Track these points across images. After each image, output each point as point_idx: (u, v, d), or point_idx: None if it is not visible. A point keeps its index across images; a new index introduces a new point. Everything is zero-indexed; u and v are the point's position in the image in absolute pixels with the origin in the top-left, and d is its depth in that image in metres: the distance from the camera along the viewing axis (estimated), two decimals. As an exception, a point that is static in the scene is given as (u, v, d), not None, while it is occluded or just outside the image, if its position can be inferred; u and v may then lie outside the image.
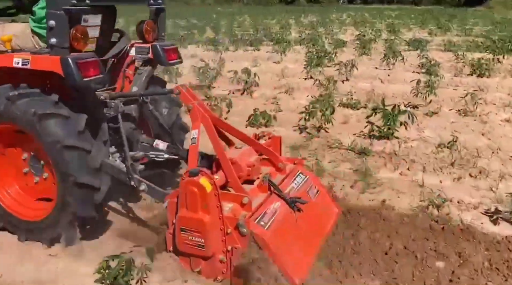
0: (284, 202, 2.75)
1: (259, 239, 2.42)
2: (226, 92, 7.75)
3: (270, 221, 2.58)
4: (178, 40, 13.94)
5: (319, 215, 3.03)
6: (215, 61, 9.95)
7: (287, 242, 2.60)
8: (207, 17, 27.59)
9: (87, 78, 2.66)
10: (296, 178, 3.05)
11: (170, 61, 3.36)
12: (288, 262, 2.47)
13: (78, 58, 2.66)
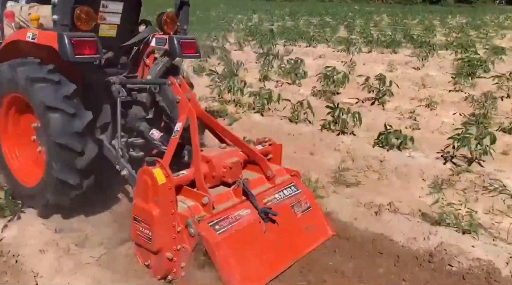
0: (255, 211, 2.56)
1: (206, 243, 2.29)
2: (354, 100, 6.75)
3: (228, 227, 2.41)
4: (307, 39, 13.20)
5: (301, 232, 2.77)
6: (344, 64, 8.96)
7: (244, 251, 2.42)
8: (342, 16, 26.37)
9: (79, 55, 2.73)
10: (284, 189, 2.84)
11: (184, 54, 3.31)
12: (235, 273, 2.30)
13: (74, 36, 2.73)
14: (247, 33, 14.85)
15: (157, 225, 2.35)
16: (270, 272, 2.47)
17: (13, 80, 2.93)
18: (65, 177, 2.83)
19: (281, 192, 2.81)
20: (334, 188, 3.94)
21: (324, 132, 5.18)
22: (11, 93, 3.04)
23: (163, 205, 2.34)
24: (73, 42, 2.70)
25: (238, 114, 5.84)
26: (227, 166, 2.65)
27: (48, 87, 2.79)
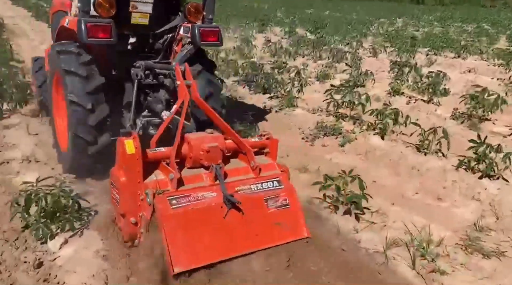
0: (221, 196, 2.58)
1: (157, 213, 2.40)
2: (508, 131, 5.31)
3: (186, 204, 2.49)
4: (456, 48, 11.40)
5: (268, 225, 2.70)
6: (501, 82, 7.32)
7: (195, 230, 2.47)
8: (506, 23, 22.84)
9: (92, 38, 3.07)
10: (264, 182, 2.80)
11: (203, 42, 3.45)
12: (179, 247, 2.37)
13: (90, 21, 3.08)
14: (385, 39, 13.56)
15: (123, 191, 2.54)
16: (218, 254, 2.48)
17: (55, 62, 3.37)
18: (79, 132, 3.14)
19: (259, 184, 2.79)
20: (464, 259, 2.88)
21: (461, 172, 4.02)
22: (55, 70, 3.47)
23: (130, 173, 2.50)
24: (88, 26, 3.07)
25: (354, 134, 4.97)
26: (204, 149, 2.66)
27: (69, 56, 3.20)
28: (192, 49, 3.52)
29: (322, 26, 15.87)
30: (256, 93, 6.83)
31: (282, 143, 4.90)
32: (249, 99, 6.66)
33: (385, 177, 4.10)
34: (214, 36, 3.50)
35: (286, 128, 5.45)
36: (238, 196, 2.61)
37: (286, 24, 16.03)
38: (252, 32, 13.45)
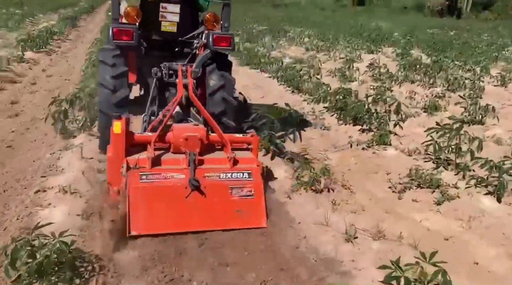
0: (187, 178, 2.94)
1: (127, 184, 2.84)
2: None
3: (154, 180, 2.91)
4: None
5: (228, 211, 3.01)
6: None
7: (156, 203, 2.86)
8: None
9: (117, 41, 3.68)
10: (235, 173, 3.09)
11: (216, 47, 3.84)
12: (139, 215, 2.79)
13: (116, 26, 3.70)
14: (520, 65, 11.49)
15: (109, 163, 3.04)
16: (172, 227, 2.86)
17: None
18: (104, 108, 3.66)
19: (229, 174, 3.08)
20: None
21: None
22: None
23: (115, 149, 2.97)
24: (114, 31, 3.61)
25: (457, 190, 3.86)
26: (183, 137, 3.09)
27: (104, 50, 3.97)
28: (208, 53, 3.92)
29: (443, 48, 14.17)
30: (345, 123, 5.97)
31: (361, 190, 4.12)
32: (335, 130, 5.82)
33: (493, 259, 2.99)
34: (226, 42, 3.87)
35: (371, 170, 4.53)
36: (204, 181, 2.97)
37: (401, 45, 14.69)
38: (359, 53, 12.47)
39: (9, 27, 13.68)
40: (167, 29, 4.06)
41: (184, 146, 3.09)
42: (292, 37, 16.15)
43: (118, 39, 3.67)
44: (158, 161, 3.04)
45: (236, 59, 11.40)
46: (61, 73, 8.48)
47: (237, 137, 3.41)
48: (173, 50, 4.22)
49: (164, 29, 4.06)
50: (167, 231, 2.82)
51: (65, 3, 26.20)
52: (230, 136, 3.36)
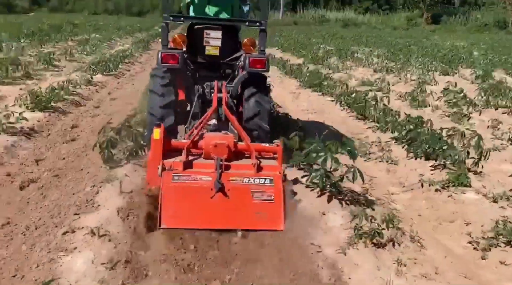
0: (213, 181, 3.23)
1: (161, 183, 3.22)
2: None
3: (184, 181, 3.26)
4: None
5: (248, 213, 3.27)
6: None
7: (185, 201, 3.22)
8: None
9: (164, 64, 4.13)
10: (258, 178, 3.35)
11: (251, 68, 4.19)
12: (170, 210, 3.15)
13: (164, 51, 4.15)
14: None
15: (149, 165, 3.50)
16: (198, 224, 3.19)
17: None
18: (153, 111, 4.15)
19: (252, 179, 3.35)
20: None
21: None
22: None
23: (153, 152, 3.43)
24: (162, 55, 4.09)
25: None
26: (212, 144, 3.45)
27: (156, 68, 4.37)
28: (245, 74, 4.32)
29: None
30: (416, 157, 5.24)
31: (434, 244, 3.40)
32: (403, 165, 5.12)
33: None
34: (261, 64, 4.21)
35: (447, 219, 3.82)
36: (228, 184, 3.24)
37: (481, 66, 13.39)
38: (433, 75, 11.47)
39: (87, 51, 14.44)
40: (211, 52, 4.44)
41: (213, 152, 3.43)
42: (360, 57, 15.44)
43: (166, 62, 4.14)
44: (190, 164, 3.41)
45: (298, 81, 10.99)
46: (125, 96, 8.57)
47: (262, 146, 3.71)
48: (216, 71, 4.61)
49: (208, 53, 4.45)
50: (193, 227, 3.16)
51: (141, 28, 27.61)
52: (256, 145, 3.68)
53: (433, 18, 45.54)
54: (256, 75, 4.33)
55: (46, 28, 20.55)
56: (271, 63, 15.24)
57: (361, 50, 18.20)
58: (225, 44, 4.43)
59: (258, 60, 4.20)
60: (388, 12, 52.49)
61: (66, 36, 17.63)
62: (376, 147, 5.74)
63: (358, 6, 54.88)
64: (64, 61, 12.15)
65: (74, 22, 26.26)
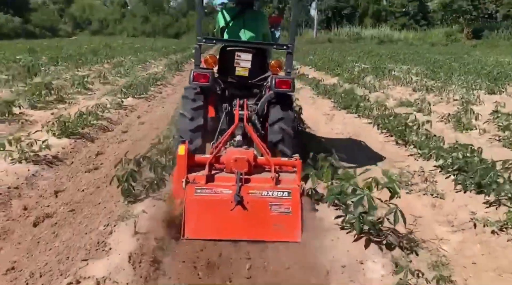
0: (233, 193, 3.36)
1: (185, 196, 3.39)
2: None
3: (206, 194, 3.41)
4: None
5: (266, 224, 3.36)
6: None
7: (206, 213, 3.35)
8: None
9: (195, 82, 4.35)
10: (276, 191, 3.44)
11: (277, 89, 4.35)
12: (192, 221, 3.30)
13: (196, 71, 4.37)
14: None
15: (174, 179, 3.65)
16: (219, 235, 3.31)
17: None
18: (182, 133, 4.38)
19: (270, 192, 3.44)
20: None
21: None
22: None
23: (178, 167, 3.58)
24: (194, 74, 4.36)
25: None
26: (233, 158, 3.60)
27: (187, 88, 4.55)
28: (272, 94, 4.45)
29: None
30: (465, 190, 4.66)
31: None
32: (451, 199, 4.56)
33: None
34: (286, 85, 4.35)
35: (508, 269, 3.25)
36: (248, 197, 3.38)
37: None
38: (477, 94, 10.72)
39: (121, 74, 14.60)
40: (241, 73, 4.63)
41: (233, 166, 3.57)
42: (398, 76, 14.82)
43: (197, 81, 4.35)
44: (212, 178, 3.56)
45: (332, 102, 10.54)
46: (154, 120, 8.41)
47: (281, 161, 3.85)
48: (244, 91, 4.77)
49: (238, 73, 4.64)
50: (213, 237, 3.28)
51: (176, 49, 28.04)
52: (275, 159, 3.81)
53: (474, 33, 43.96)
54: (282, 95, 4.47)
55: (84, 51, 21.13)
56: (304, 83, 14.89)
57: (398, 68, 17.55)
58: (254, 65, 4.62)
59: (284, 81, 4.37)
60: (425, 28, 51.26)
61: (102, 59, 17.99)
62: (419, 177, 5.19)
63: (394, 23, 53.96)
64: (98, 84, 12.27)
65: (112, 45, 27.02)
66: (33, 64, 14.12)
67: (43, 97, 9.17)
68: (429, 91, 11.64)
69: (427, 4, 53.89)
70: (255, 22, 4.91)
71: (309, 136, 7.14)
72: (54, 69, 14.18)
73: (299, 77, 15.15)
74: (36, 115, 8.16)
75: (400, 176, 5.16)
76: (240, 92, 4.72)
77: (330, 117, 9.25)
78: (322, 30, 54.01)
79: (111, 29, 56.84)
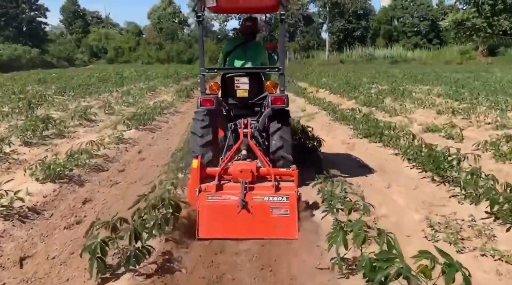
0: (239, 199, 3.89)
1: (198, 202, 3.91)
2: None
3: (216, 200, 3.95)
4: None
5: (268, 225, 3.85)
6: None
7: (217, 216, 3.87)
8: None
9: (202, 106, 4.83)
10: (276, 197, 3.96)
11: (273, 105, 4.84)
12: (205, 223, 3.81)
13: (202, 97, 4.84)
14: None
15: (189, 188, 4.25)
16: (227, 233, 3.82)
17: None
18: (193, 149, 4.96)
19: (271, 197, 3.95)
20: None
21: None
22: None
23: (192, 178, 4.16)
24: (200, 100, 4.83)
25: None
26: (239, 170, 4.16)
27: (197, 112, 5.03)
28: (269, 111, 4.97)
29: None
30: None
31: None
32: (502, 241, 3.48)
33: None
34: (281, 101, 4.83)
35: None
36: (251, 202, 3.90)
37: None
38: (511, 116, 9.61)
39: (128, 103, 13.88)
40: (241, 95, 5.14)
41: (239, 176, 4.09)
42: (418, 97, 13.76)
43: (204, 105, 4.80)
44: (221, 187, 4.09)
45: (352, 129, 9.52)
46: (156, 155, 7.52)
47: (280, 171, 4.35)
48: (246, 110, 5.25)
49: (239, 95, 5.15)
50: (223, 237, 3.77)
51: (187, 75, 27.51)
52: (275, 170, 4.30)
53: (490, 50, 42.73)
54: (279, 111, 4.96)
55: (94, 81, 20.63)
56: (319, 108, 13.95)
57: (417, 88, 16.50)
58: (252, 87, 5.12)
59: (279, 98, 4.82)
60: (438, 47, 50.19)
61: (110, 88, 17.38)
62: (470, 229, 4.12)
63: (406, 42, 53.10)
64: (102, 115, 11.54)
65: (123, 72, 26.61)
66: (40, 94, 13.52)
67: (39, 132, 8.38)
68: (456, 114, 10.54)
69: (439, 23, 53.02)
70: (254, 51, 5.48)
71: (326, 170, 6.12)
72: (59, 100, 13.54)
73: (314, 101, 14.26)
74: (29, 153, 7.35)
75: (445, 227, 4.11)
76: (242, 111, 5.25)
77: (350, 147, 8.22)
78: (334, 51, 53.37)
79: (126, 57, 57.14)
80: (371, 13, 58.19)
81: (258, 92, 5.20)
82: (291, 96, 16.62)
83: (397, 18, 56.66)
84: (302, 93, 16.69)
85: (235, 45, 5.53)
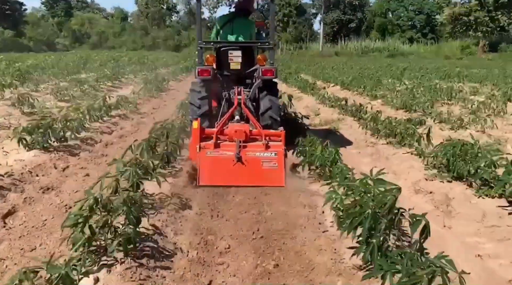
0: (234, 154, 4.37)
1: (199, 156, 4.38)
2: None
3: (214, 154, 4.43)
4: None
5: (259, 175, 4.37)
6: None
7: (215, 167, 4.37)
8: None
9: (200, 76, 5.13)
10: (266, 152, 4.46)
11: (263, 76, 5.13)
12: (206, 172, 4.31)
13: (200, 67, 5.14)
14: None
15: (190, 146, 4.67)
16: (225, 181, 4.31)
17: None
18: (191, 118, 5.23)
19: (262, 153, 4.46)
20: None
21: None
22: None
23: (194, 138, 4.55)
24: (198, 70, 5.11)
25: None
26: (233, 130, 4.61)
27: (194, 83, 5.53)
28: (260, 82, 5.27)
29: None
30: None
31: None
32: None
33: None
34: (271, 73, 5.12)
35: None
36: (245, 156, 4.38)
37: None
38: None
39: (70, 96, 9.37)
40: (234, 67, 5.39)
41: (234, 136, 4.58)
42: (471, 98, 9.59)
43: (201, 75, 5.11)
44: (218, 145, 4.55)
45: (412, 152, 5.22)
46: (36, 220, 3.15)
47: (270, 132, 4.77)
48: (239, 81, 5.50)
49: (232, 67, 5.40)
50: (221, 184, 4.27)
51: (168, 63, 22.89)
52: (265, 131, 4.73)
53: (491, 46, 38.87)
54: (268, 82, 5.29)
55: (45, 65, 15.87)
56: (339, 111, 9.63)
57: (456, 85, 12.31)
58: (244, 60, 5.37)
59: (269, 70, 5.14)
60: (432, 42, 46.25)
61: (60, 75, 12.76)
62: None
63: (401, 36, 49.00)
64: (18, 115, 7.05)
65: (94, 58, 21.84)
66: None
67: None
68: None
69: (434, 17, 49.02)
70: (243, 26, 5.63)
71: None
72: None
73: (329, 100, 9.90)
74: None
75: None
76: (235, 82, 5.45)
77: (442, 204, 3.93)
78: (328, 43, 48.96)
79: (110, 42, 51.81)
80: (367, 5, 53.81)
81: (250, 64, 5.48)
82: (295, 93, 11.93)
83: (392, 11, 52.44)
84: (309, 88, 12.27)
85: (225, 21, 5.72)
